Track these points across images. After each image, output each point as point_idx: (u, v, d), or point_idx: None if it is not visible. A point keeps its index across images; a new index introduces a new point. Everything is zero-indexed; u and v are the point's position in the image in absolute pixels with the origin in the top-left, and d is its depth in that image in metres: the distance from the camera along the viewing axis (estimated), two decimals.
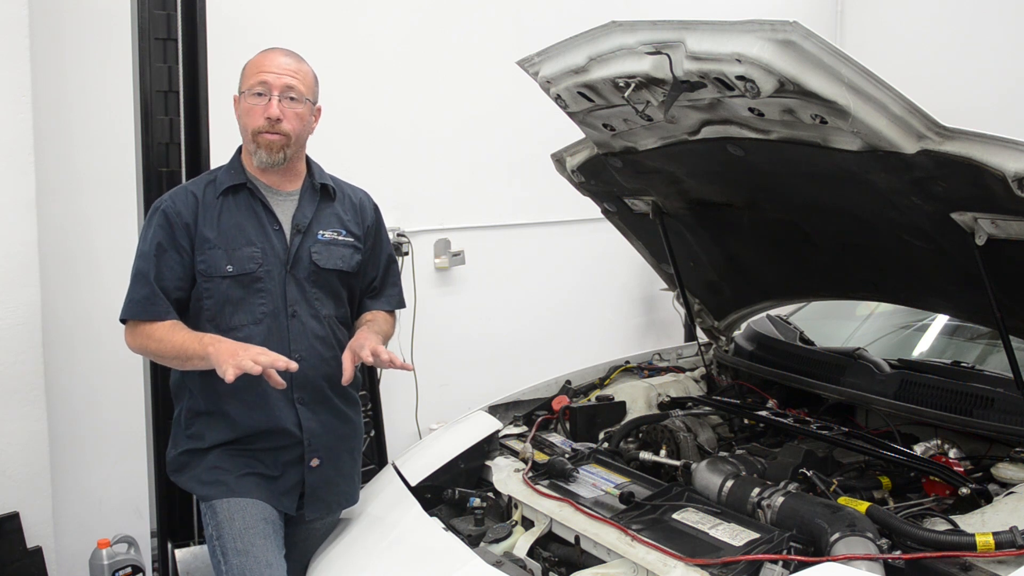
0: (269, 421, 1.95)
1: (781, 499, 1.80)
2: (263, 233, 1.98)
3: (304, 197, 2.05)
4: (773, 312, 3.06)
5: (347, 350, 1.94)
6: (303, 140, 2.03)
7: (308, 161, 2.10)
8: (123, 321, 1.96)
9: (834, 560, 1.54)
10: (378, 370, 3.68)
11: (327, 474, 2.04)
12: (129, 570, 2.76)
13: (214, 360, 1.75)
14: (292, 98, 1.96)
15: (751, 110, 1.80)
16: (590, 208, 2.83)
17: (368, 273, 2.18)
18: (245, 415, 1.95)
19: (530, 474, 2.12)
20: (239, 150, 2.07)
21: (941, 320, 2.81)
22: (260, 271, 1.95)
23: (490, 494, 2.18)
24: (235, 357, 1.72)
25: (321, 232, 2.04)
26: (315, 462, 2.01)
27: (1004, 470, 1.94)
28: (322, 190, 2.08)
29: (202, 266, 1.93)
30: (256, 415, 1.95)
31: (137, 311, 1.91)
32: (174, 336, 1.87)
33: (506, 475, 2.17)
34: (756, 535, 1.69)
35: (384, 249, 2.22)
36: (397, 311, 2.28)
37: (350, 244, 2.09)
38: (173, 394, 2.07)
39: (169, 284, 1.92)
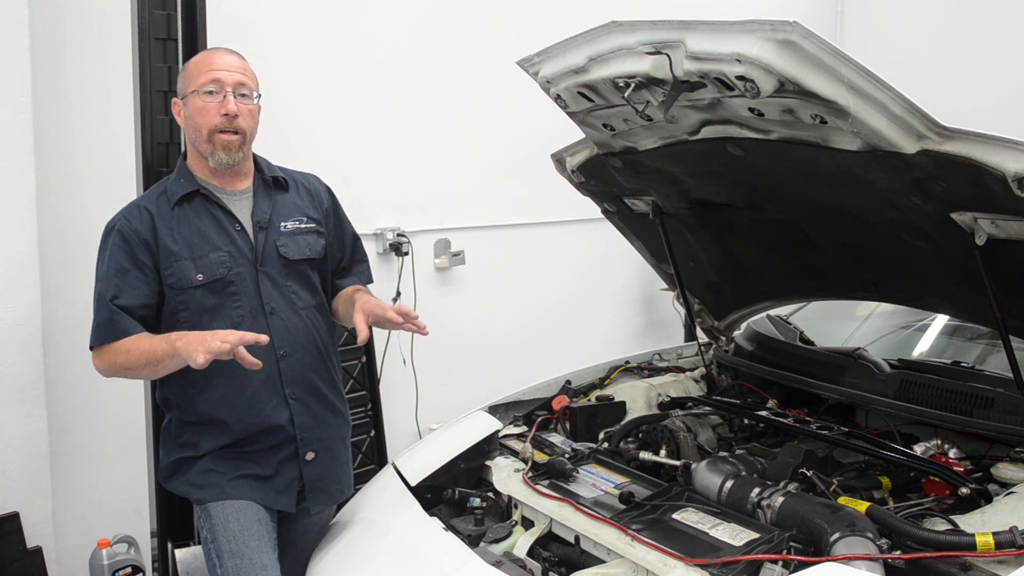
0: (263, 421, 1.95)
1: (781, 499, 1.80)
2: (226, 235, 1.96)
3: (258, 193, 2.04)
4: (773, 312, 3.06)
5: (358, 311, 1.93)
6: (254, 137, 2.02)
7: (255, 157, 2.09)
8: (91, 348, 1.92)
9: (834, 560, 1.54)
10: (378, 370, 3.68)
11: (325, 465, 2.05)
12: (129, 570, 2.76)
13: (184, 353, 1.72)
14: (244, 95, 1.95)
15: (751, 110, 1.80)
16: (590, 208, 2.83)
17: (335, 255, 2.17)
18: (239, 420, 1.94)
19: (530, 474, 2.12)
20: (183, 156, 2.05)
21: (941, 320, 2.81)
22: (231, 274, 1.93)
23: (490, 494, 2.18)
24: (203, 343, 1.69)
25: (283, 224, 2.03)
26: (310, 455, 2.01)
27: (1004, 470, 1.94)
28: (274, 183, 2.07)
29: (171, 280, 1.90)
30: (250, 418, 1.94)
31: (104, 334, 1.88)
32: (140, 344, 1.84)
33: (506, 475, 2.17)
34: (756, 535, 1.69)
35: (347, 229, 2.22)
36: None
37: (313, 230, 2.08)
38: (161, 406, 2.06)
39: (133, 303, 1.88)
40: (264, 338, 1.76)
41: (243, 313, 1.94)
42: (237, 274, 1.94)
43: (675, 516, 1.82)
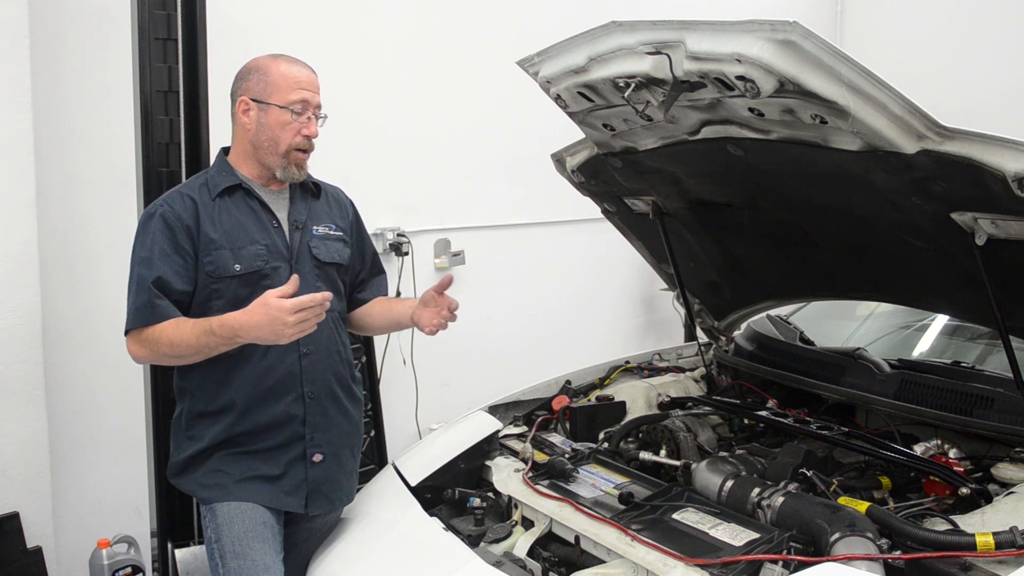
0: (276, 414, 1.96)
1: (781, 499, 1.80)
2: (264, 230, 1.99)
3: (295, 195, 2.08)
4: (773, 312, 3.06)
5: (421, 309, 2.12)
6: None
7: None
8: (127, 332, 1.91)
9: (834, 560, 1.54)
10: (378, 370, 3.68)
11: (330, 470, 2.05)
12: (129, 570, 2.77)
13: (254, 340, 1.78)
14: (318, 116, 2.02)
15: (751, 110, 1.80)
16: (590, 208, 2.83)
17: (355, 266, 2.21)
18: (252, 409, 1.94)
19: (530, 474, 2.12)
20: (224, 151, 2.07)
21: (941, 320, 2.81)
22: (267, 268, 1.96)
23: (490, 494, 2.18)
24: (280, 340, 1.75)
25: (315, 228, 2.08)
26: (318, 457, 2.01)
27: (1004, 470, 1.94)
28: (309, 189, 2.12)
29: (210, 267, 1.93)
30: (262, 408, 1.95)
31: (145, 317, 1.87)
32: (184, 335, 1.83)
33: (506, 475, 2.17)
34: (756, 535, 1.69)
35: (367, 242, 2.28)
36: None
37: (340, 238, 2.13)
38: (176, 395, 2.07)
39: (174, 287, 1.90)
40: (328, 295, 1.80)
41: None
42: (273, 268, 1.97)
43: (675, 516, 1.82)
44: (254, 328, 1.77)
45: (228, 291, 1.93)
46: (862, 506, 1.75)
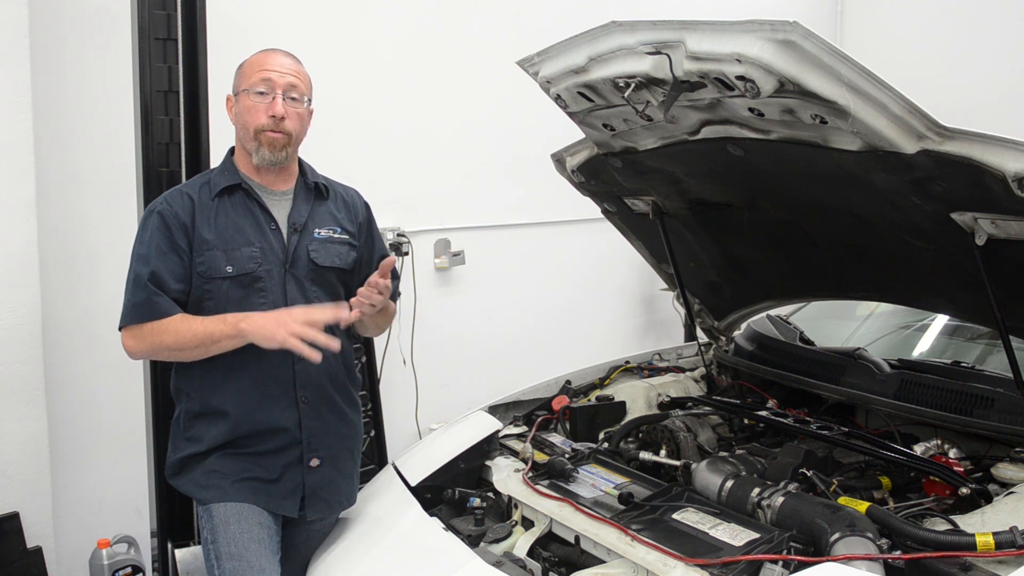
0: (271, 421, 1.95)
1: (781, 499, 1.80)
2: (261, 233, 1.98)
3: (298, 196, 2.06)
4: (773, 312, 3.06)
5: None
6: (301, 140, 2.05)
7: (300, 161, 2.11)
8: (122, 328, 1.92)
9: (834, 560, 1.54)
10: (378, 370, 3.68)
11: (328, 474, 2.04)
12: (129, 570, 2.77)
13: (252, 337, 1.80)
14: (293, 98, 1.98)
15: (751, 110, 1.80)
16: (590, 208, 2.83)
17: (363, 270, 2.18)
18: (246, 415, 1.94)
19: (530, 474, 2.12)
20: (231, 151, 2.08)
21: (941, 320, 2.81)
22: (260, 270, 1.95)
23: (490, 494, 2.18)
24: (285, 327, 1.77)
25: (317, 230, 2.05)
26: (315, 462, 2.00)
27: (1004, 470, 1.94)
28: (315, 189, 2.10)
29: (201, 267, 1.93)
30: (258, 415, 1.95)
31: (142, 313, 1.88)
32: (191, 325, 1.85)
33: (506, 475, 2.17)
34: (756, 535, 1.69)
35: (378, 246, 2.24)
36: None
37: (345, 241, 2.10)
38: (173, 396, 2.07)
39: (170, 285, 1.90)
40: (336, 346, 1.82)
41: (267, 310, 1.95)
42: (266, 271, 1.96)
43: (675, 516, 1.83)
44: (260, 316, 1.82)
45: (219, 292, 1.93)
46: (862, 506, 1.76)
